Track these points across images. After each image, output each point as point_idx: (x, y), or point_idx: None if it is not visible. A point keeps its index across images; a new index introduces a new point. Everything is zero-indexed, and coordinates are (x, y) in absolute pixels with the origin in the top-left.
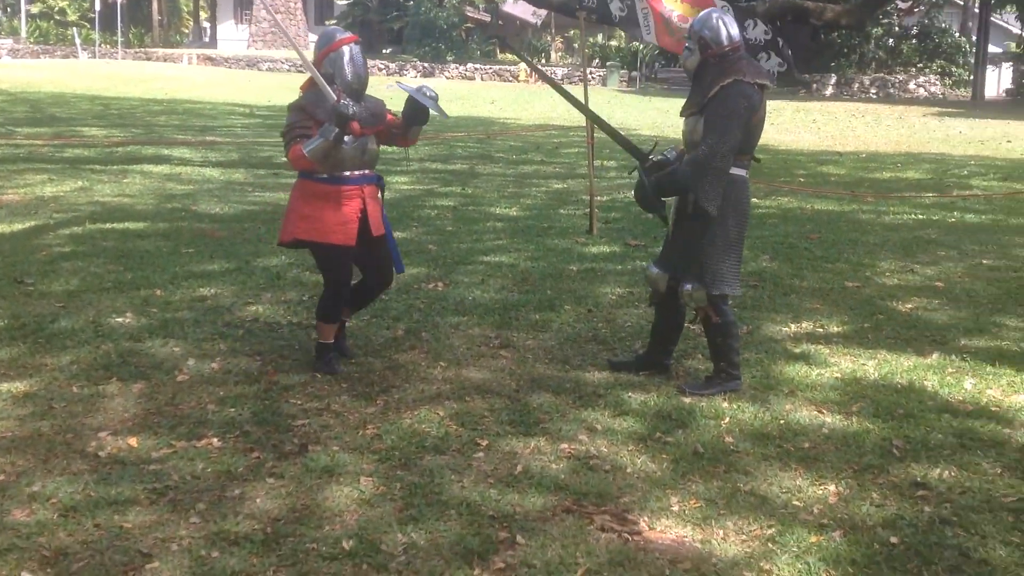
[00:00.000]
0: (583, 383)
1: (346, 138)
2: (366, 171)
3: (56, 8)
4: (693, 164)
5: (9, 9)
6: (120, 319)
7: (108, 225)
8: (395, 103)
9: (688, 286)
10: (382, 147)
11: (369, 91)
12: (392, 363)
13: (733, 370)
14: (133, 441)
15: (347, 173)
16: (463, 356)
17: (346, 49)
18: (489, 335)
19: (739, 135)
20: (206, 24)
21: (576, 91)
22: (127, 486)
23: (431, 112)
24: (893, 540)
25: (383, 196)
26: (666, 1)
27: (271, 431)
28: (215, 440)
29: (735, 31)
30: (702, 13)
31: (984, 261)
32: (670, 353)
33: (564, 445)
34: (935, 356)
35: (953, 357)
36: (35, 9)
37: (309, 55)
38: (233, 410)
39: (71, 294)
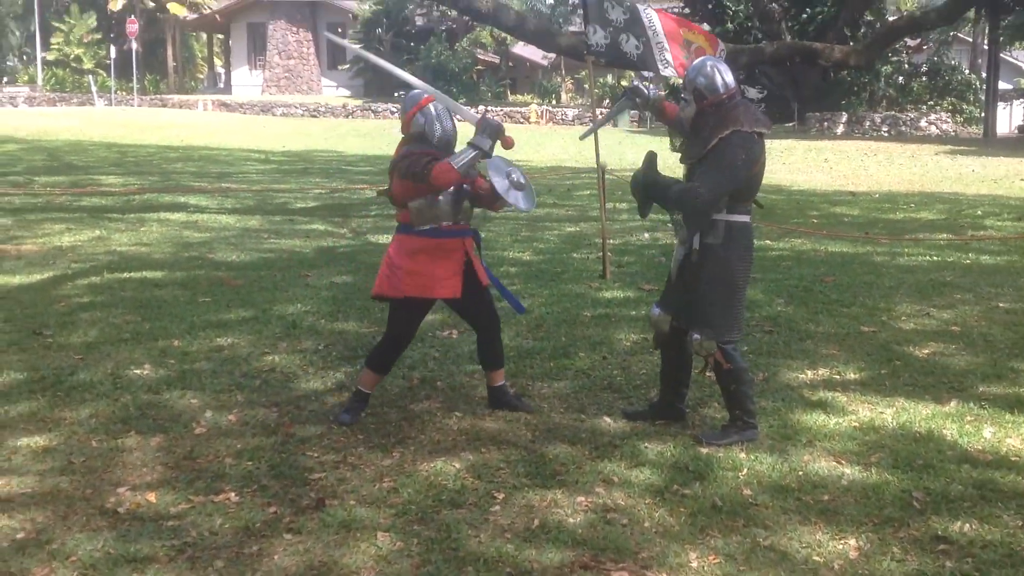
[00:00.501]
0: (599, 433)
1: (441, 197)
2: (463, 224)
3: (72, 56)
4: (682, 194)
5: (25, 57)
6: (138, 371)
7: (126, 274)
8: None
9: (697, 336)
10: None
11: (381, 134)
12: (408, 413)
13: (749, 418)
14: (152, 496)
15: (444, 225)
16: (478, 405)
17: (431, 108)
18: (504, 384)
19: (730, 186)
20: (220, 70)
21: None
22: (146, 543)
23: (510, 203)
24: None
25: (480, 249)
26: (685, 34)
27: (288, 485)
28: (233, 495)
29: (730, 78)
30: (696, 62)
31: (1000, 304)
32: (683, 397)
33: (581, 498)
34: (953, 404)
35: (971, 405)
36: (51, 57)
37: (320, 98)
38: (250, 463)
39: (89, 346)
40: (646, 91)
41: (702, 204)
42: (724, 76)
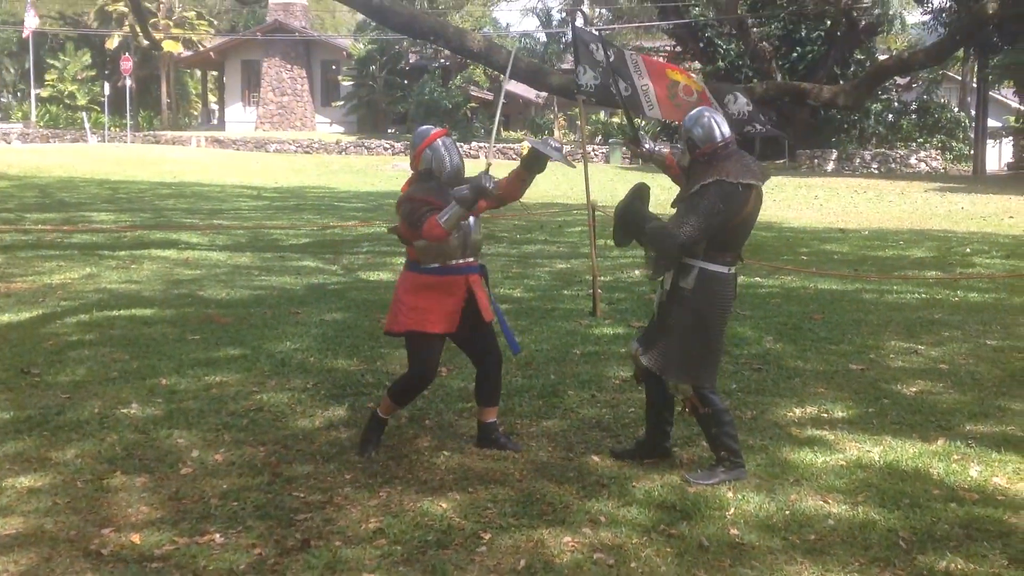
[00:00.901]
0: (587, 472)
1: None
2: (470, 260)
3: (66, 92)
4: (656, 231)
5: (19, 93)
6: (126, 410)
7: (115, 312)
8: (399, 182)
9: (672, 380)
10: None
11: (374, 170)
12: (395, 453)
13: (735, 457)
14: (136, 538)
15: (453, 263)
16: (467, 444)
17: (439, 142)
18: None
19: (702, 233)
20: (214, 106)
21: (578, 169)
22: None
23: (553, 160)
24: None
25: (488, 283)
26: (669, 73)
27: (273, 526)
28: (217, 536)
29: (726, 129)
30: (693, 112)
31: (988, 342)
32: (668, 435)
33: (568, 538)
34: (941, 442)
35: (958, 443)
36: (45, 93)
37: (313, 134)
38: (236, 503)
39: (77, 384)
40: (649, 146)
41: (672, 246)
42: (720, 127)
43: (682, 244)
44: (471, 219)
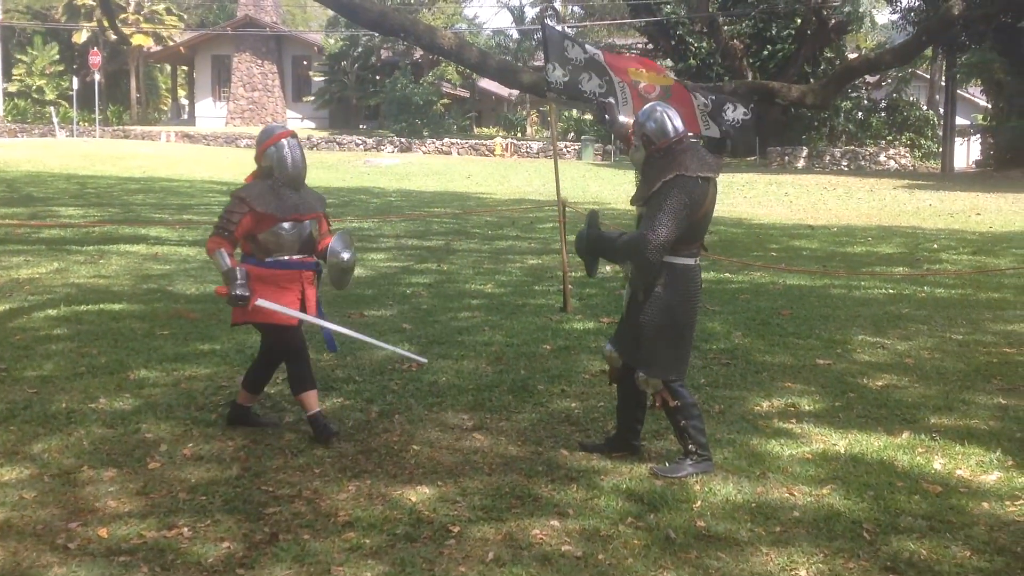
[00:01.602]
0: (556, 465)
1: (285, 224)
2: (304, 256)
3: (34, 87)
4: (628, 244)
5: None
6: (93, 404)
7: (84, 307)
8: (371, 178)
9: (642, 373)
10: (356, 225)
11: (345, 166)
12: (365, 447)
13: (702, 451)
14: (104, 532)
15: (287, 258)
16: (436, 439)
17: (284, 143)
18: (462, 416)
19: (676, 230)
20: (184, 101)
21: (548, 165)
22: None
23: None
24: None
25: (319, 282)
26: (631, 72)
27: (242, 519)
28: (186, 530)
29: (679, 124)
30: (646, 107)
31: (954, 336)
32: (638, 433)
33: (536, 531)
34: (905, 435)
35: (923, 436)
36: (13, 88)
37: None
38: (204, 497)
39: (45, 379)
40: (617, 117)
41: (652, 251)
42: (673, 121)
43: (661, 245)
44: (307, 221)
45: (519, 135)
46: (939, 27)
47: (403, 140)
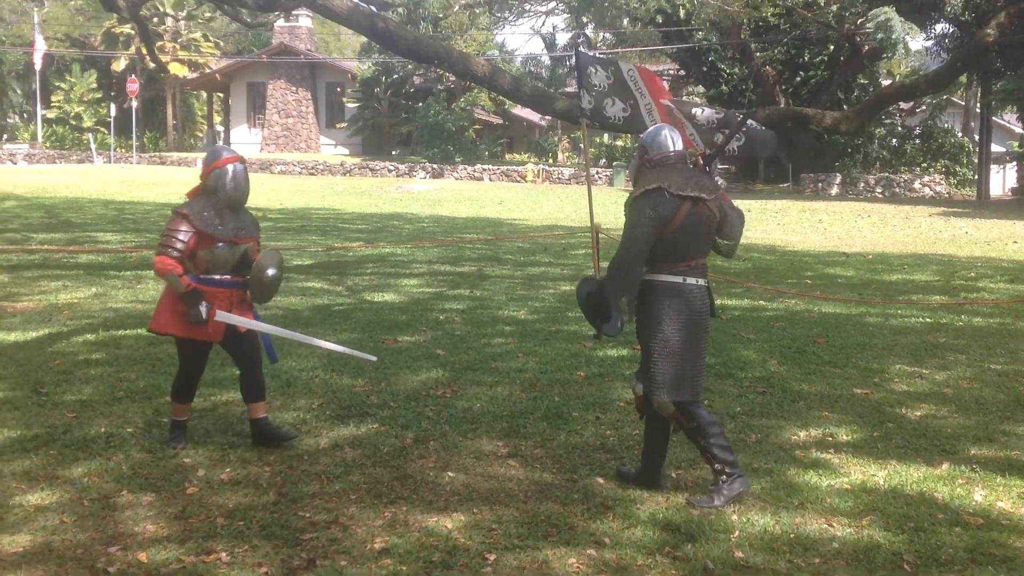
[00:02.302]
0: (592, 493)
1: (220, 244)
2: (235, 276)
3: (72, 113)
4: (608, 273)
5: (26, 115)
6: (132, 429)
7: (122, 332)
8: (403, 204)
9: (655, 396)
10: (391, 250)
11: (378, 192)
12: (400, 473)
13: (731, 468)
14: (143, 556)
15: (217, 277)
16: (471, 465)
17: (230, 167)
18: (497, 443)
19: (640, 243)
20: (220, 128)
21: (580, 191)
22: None
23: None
24: None
25: (253, 306)
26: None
27: (280, 545)
28: (224, 554)
29: (680, 146)
30: (653, 127)
31: (992, 366)
32: (658, 468)
33: (572, 559)
34: (945, 466)
35: (963, 467)
36: (51, 114)
37: (318, 156)
38: (242, 523)
39: (84, 404)
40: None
41: (621, 264)
42: (672, 139)
43: (623, 258)
44: (243, 244)
45: (551, 161)
46: (974, 53)
47: (435, 166)
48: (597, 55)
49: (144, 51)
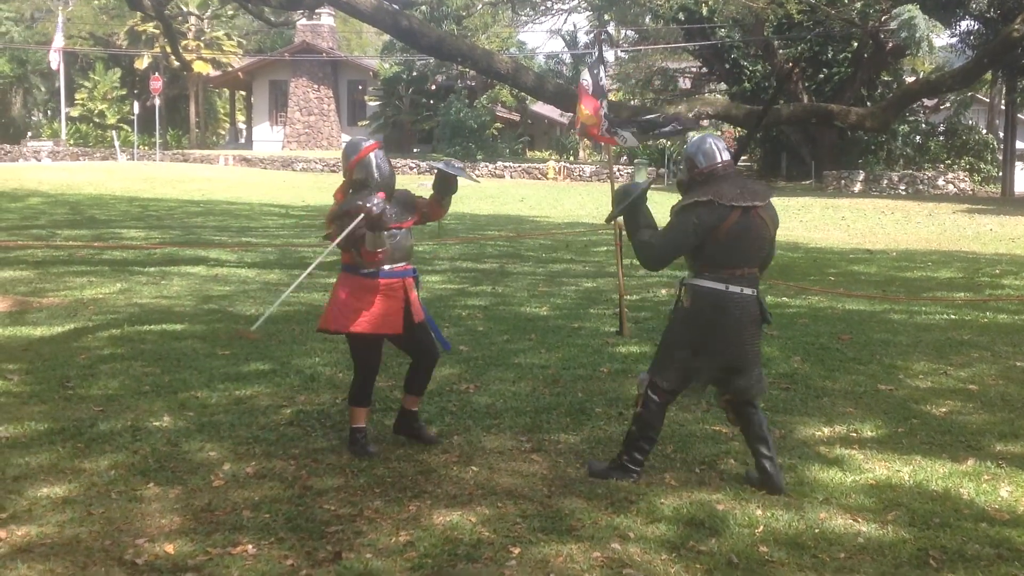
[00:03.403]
0: (615, 488)
1: (393, 231)
2: (404, 264)
3: (96, 111)
4: (640, 244)
5: (50, 112)
6: (157, 423)
7: (146, 327)
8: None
9: (644, 374)
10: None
11: (399, 187)
12: (424, 467)
13: (632, 464)
14: (170, 548)
15: (387, 267)
16: (495, 460)
17: (372, 156)
18: (521, 438)
19: (676, 250)
20: (242, 126)
21: (601, 188)
22: None
23: (460, 180)
24: None
25: (419, 287)
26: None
27: (305, 537)
28: (250, 547)
29: (726, 154)
30: (696, 137)
31: (1018, 363)
32: (763, 466)
33: (597, 553)
34: (970, 462)
35: (988, 463)
36: (75, 112)
37: (340, 154)
38: (268, 516)
39: (110, 397)
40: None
41: (648, 257)
42: (717, 147)
43: (658, 257)
44: (404, 229)
45: (572, 159)
46: (1001, 49)
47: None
48: (609, 55)
49: (168, 49)
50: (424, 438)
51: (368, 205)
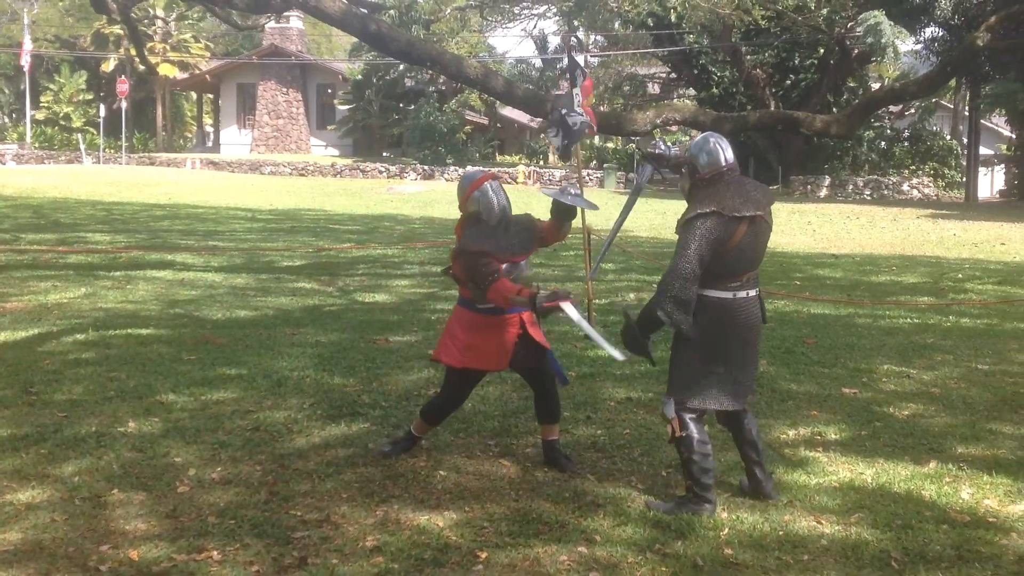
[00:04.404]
0: (582, 491)
1: (504, 266)
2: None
3: (61, 114)
4: (657, 289)
5: (15, 115)
6: (122, 428)
7: (112, 332)
8: (394, 205)
9: (665, 398)
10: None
11: (369, 193)
12: (392, 472)
13: (702, 491)
14: (134, 554)
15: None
16: (463, 464)
17: (487, 186)
18: (489, 442)
19: (698, 264)
20: (210, 129)
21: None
22: None
23: (579, 207)
24: None
25: (541, 320)
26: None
27: (271, 543)
28: (215, 553)
29: (730, 155)
30: (699, 138)
31: (980, 366)
32: (755, 475)
33: (564, 556)
34: (932, 464)
35: (950, 465)
36: (40, 115)
37: (308, 157)
38: (233, 522)
39: (74, 403)
40: (666, 150)
41: (679, 286)
42: (721, 147)
43: (684, 278)
44: (522, 262)
45: (542, 163)
46: (964, 57)
47: (426, 168)
48: (583, 59)
49: (134, 52)
50: (559, 465)
51: (552, 304)
